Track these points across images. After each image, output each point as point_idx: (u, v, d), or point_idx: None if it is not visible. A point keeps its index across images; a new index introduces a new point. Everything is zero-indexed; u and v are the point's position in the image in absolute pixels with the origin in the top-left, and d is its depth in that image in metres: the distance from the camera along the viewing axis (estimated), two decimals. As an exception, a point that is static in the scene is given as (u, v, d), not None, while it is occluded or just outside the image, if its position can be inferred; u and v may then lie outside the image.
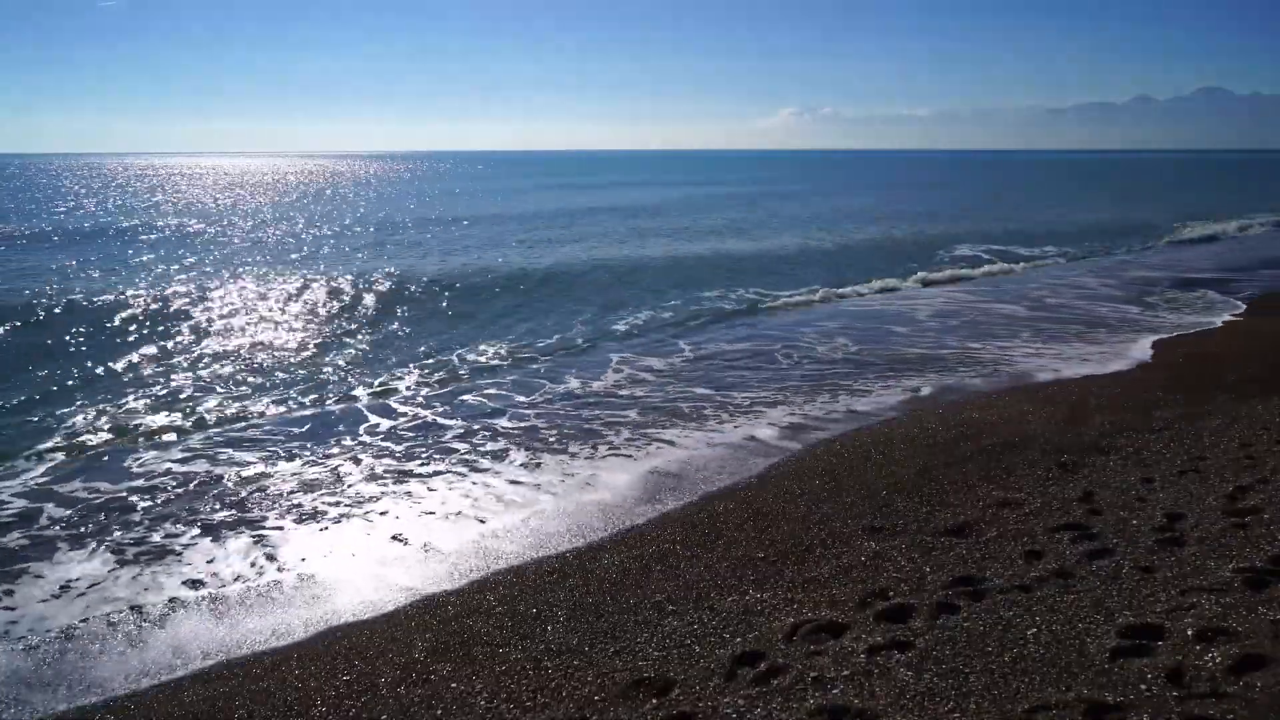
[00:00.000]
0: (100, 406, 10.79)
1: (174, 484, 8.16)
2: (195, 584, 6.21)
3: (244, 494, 7.86)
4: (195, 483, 8.17)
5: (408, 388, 11.72)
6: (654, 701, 4.23)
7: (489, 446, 9.05)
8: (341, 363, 13.35)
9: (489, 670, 4.83)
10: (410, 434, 9.63)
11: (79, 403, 10.98)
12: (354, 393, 11.50)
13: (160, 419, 10.24)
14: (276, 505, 7.60)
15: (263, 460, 8.81)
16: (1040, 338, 14.21)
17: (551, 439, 9.27)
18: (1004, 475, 7.34)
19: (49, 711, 4.84)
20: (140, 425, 10.02)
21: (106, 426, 9.94)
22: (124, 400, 11.15)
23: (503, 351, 13.70)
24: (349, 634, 5.46)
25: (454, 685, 4.71)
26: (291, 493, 7.87)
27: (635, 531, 6.80)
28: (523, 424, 9.86)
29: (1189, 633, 4.14)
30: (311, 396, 11.26)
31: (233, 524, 7.22)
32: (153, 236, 31.60)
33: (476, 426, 9.77)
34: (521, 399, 10.99)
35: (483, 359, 13.34)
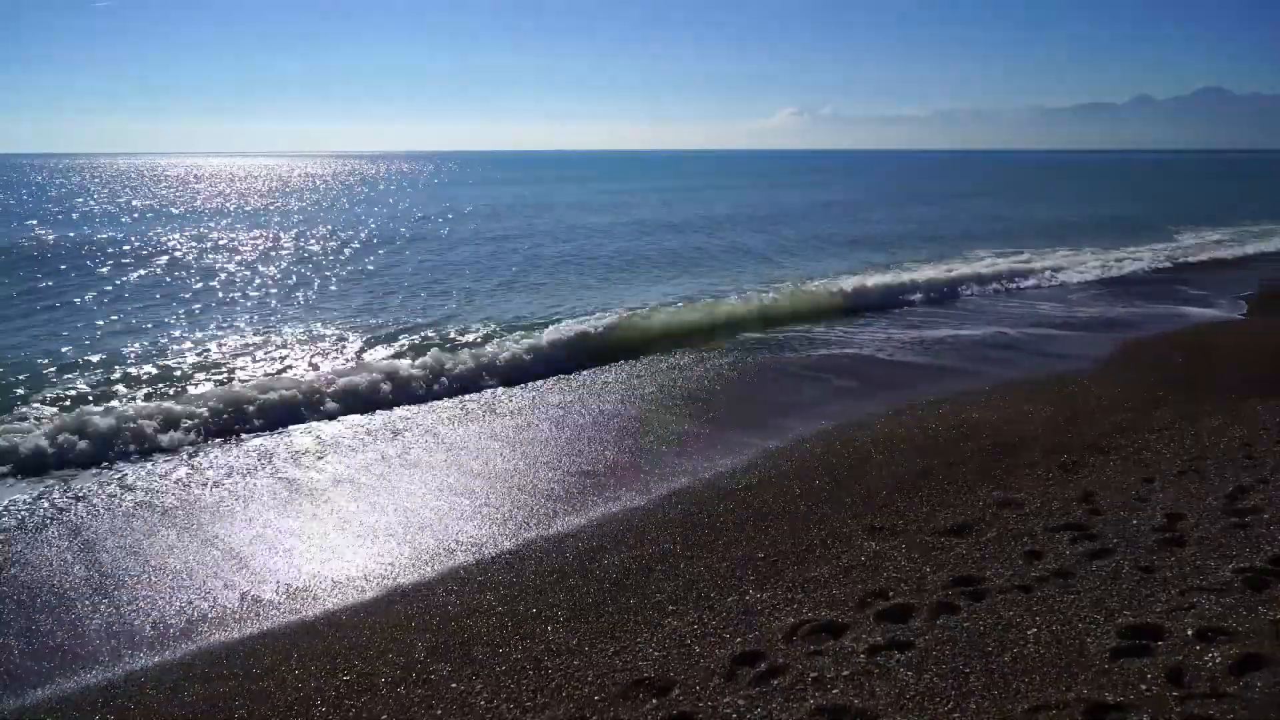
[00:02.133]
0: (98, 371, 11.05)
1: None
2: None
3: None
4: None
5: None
6: (654, 701, 4.23)
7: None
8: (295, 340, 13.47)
9: (489, 670, 4.83)
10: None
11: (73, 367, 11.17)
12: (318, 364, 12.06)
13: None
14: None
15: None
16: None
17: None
18: (1004, 475, 7.34)
19: (45, 704, 4.85)
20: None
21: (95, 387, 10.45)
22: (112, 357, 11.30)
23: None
24: (332, 624, 5.47)
25: (454, 685, 4.71)
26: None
27: (635, 531, 6.80)
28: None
29: (1189, 633, 4.14)
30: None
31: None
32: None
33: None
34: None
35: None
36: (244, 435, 9.75)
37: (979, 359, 12.90)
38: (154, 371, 12.62)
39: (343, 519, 7.35)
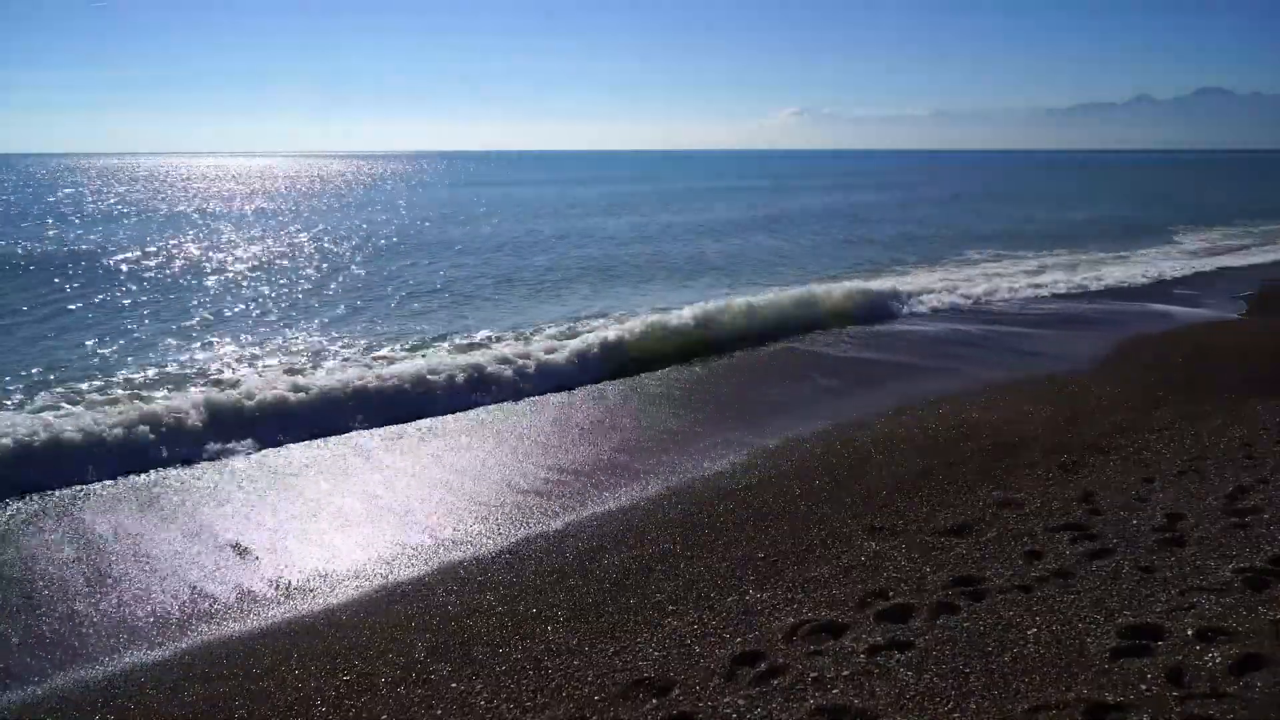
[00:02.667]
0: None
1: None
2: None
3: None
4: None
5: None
6: (654, 701, 4.23)
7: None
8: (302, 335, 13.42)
9: (489, 670, 4.83)
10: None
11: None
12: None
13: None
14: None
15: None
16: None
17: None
18: (1004, 475, 7.34)
19: (45, 703, 4.85)
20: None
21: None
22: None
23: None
24: (335, 622, 5.47)
25: (454, 685, 4.71)
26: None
27: (635, 531, 6.80)
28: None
29: (1189, 633, 4.14)
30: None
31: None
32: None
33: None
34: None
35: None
36: (244, 436, 9.72)
37: (956, 357, 13.05)
38: (156, 373, 12.62)
39: (343, 520, 7.35)
